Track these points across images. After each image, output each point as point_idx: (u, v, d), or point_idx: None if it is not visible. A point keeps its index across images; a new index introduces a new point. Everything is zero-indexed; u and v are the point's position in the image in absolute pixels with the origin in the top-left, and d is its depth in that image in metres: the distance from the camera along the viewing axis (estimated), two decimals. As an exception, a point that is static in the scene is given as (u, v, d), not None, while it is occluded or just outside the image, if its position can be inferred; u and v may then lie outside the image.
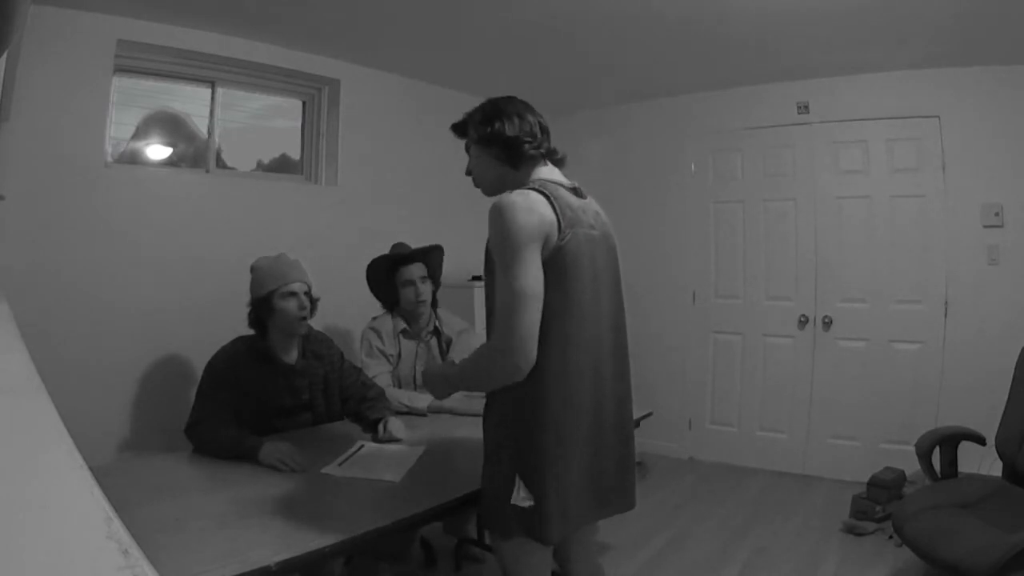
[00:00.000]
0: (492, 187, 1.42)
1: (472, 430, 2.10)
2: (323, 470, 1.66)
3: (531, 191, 1.27)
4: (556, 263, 1.24)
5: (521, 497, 1.26)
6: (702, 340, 3.87)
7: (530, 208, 1.22)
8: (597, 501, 1.37)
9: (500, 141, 1.36)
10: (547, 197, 1.26)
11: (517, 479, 1.26)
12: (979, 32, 2.70)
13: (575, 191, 1.38)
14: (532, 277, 1.20)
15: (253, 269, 2.11)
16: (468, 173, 1.47)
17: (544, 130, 1.41)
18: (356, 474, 1.65)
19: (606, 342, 1.36)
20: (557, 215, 1.24)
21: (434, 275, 2.54)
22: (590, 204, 1.40)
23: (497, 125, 1.36)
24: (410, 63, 3.35)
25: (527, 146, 1.36)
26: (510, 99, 1.42)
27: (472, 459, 1.89)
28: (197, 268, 2.73)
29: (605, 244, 1.39)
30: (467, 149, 1.47)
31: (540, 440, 1.26)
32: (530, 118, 1.39)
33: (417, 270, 2.46)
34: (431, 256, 2.56)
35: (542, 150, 1.38)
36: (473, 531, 2.58)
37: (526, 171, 1.37)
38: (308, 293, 2.08)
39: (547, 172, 1.38)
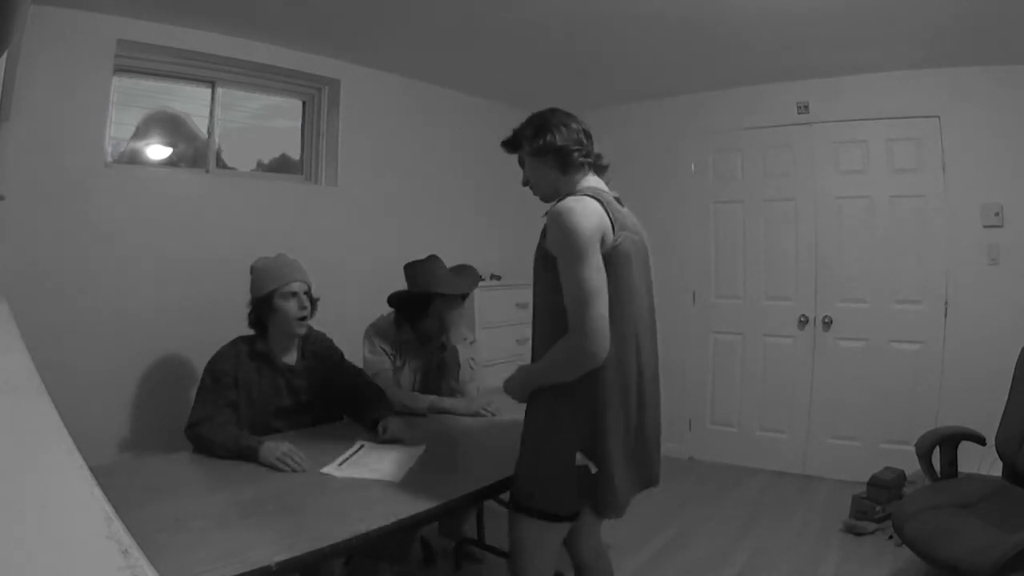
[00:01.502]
0: (547, 193, 1.57)
1: (471, 430, 2.11)
2: (323, 470, 1.66)
3: (585, 197, 1.41)
4: (610, 262, 1.38)
5: (582, 462, 1.39)
6: (702, 340, 3.87)
7: (587, 212, 1.37)
8: (639, 477, 1.51)
9: (552, 150, 1.51)
10: (600, 203, 1.40)
11: (580, 455, 1.39)
12: (979, 32, 2.70)
13: (617, 200, 1.51)
14: (597, 275, 1.34)
15: (253, 269, 2.11)
16: (525, 183, 1.62)
17: (588, 135, 1.55)
18: (356, 474, 1.64)
19: (646, 335, 1.51)
20: (611, 218, 1.40)
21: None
22: (629, 213, 1.53)
23: (548, 137, 1.51)
24: (410, 63, 3.34)
25: (576, 154, 1.51)
26: (553, 111, 1.56)
27: (471, 459, 1.90)
28: (197, 268, 2.73)
29: (643, 248, 1.54)
30: (520, 163, 1.60)
31: (604, 421, 1.39)
32: (574, 126, 1.53)
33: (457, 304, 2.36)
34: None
35: (589, 158, 1.54)
36: (471, 531, 2.58)
37: (575, 177, 1.52)
38: (308, 293, 2.08)
39: (594, 181, 1.53)
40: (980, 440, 2.32)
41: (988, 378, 2.64)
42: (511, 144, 1.60)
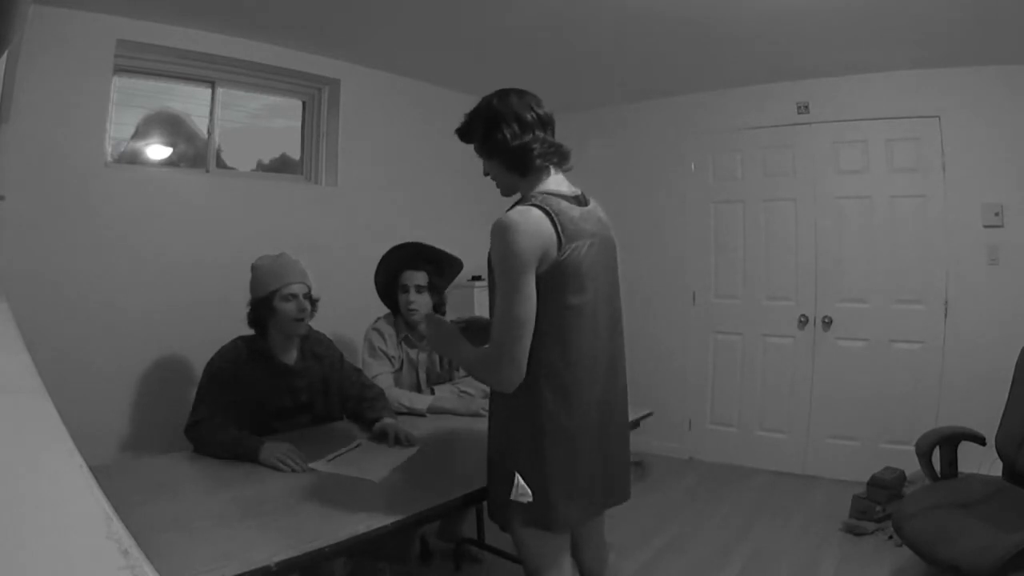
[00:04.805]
0: (506, 190, 1.47)
1: (471, 430, 2.11)
2: (310, 464, 1.67)
3: (532, 208, 1.30)
4: (556, 276, 1.29)
5: (519, 493, 1.32)
6: (702, 340, 3.87)
7: (530, 230, 1.26)
8: (600, 493, 1.44)
9: (506, 152, 1.38)
10: (548, 213, 1.29)
11: (516, 476, 1.33)
12: (979, 32, 2.70)
13: (577, 199, 1.40)
14: (525, 305, 1.27)
15: (254, 268, 2.11)
16: (486, 174, 1.49)
17: (545, 123, 1.40)
18: (340, 471, 1.65)
19: (603, 346, 1.41)
20: (558, 232, 1.28)
21: (439, 287, 2.48)
22: (592, 211, 1.42)
23: (499, 137, 1.37)
24: (410, 63, 3.34)
25: (533, 154, 1.37)
26: (504, 98, 1.40)
27: (471, 459, 1.89)
28: (197, 268, 2.73)
29: (604, 250, 1.42)
30: (477, 152, 1.47)
31: (542, 440, 1.33)
32: (528, 116, 1.38)
33: (417, 277, 2.41)
34: (445, 268, 2.52)
35: (549, 160, 1.39)
36: (471, 531, 2.58)
37: (534, 178, 1.40)
38: (308, 295, 2.08)
39: (553, 183, 1.40)
40: (980, 440, 2.32)
41: (988, 378, 2.64)
42: (463, 136, 1.47)
